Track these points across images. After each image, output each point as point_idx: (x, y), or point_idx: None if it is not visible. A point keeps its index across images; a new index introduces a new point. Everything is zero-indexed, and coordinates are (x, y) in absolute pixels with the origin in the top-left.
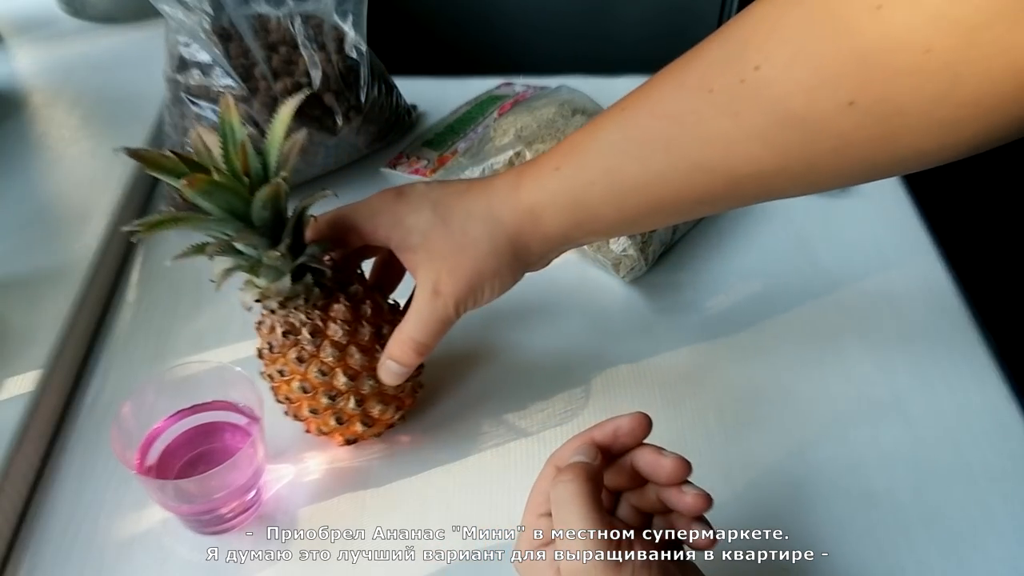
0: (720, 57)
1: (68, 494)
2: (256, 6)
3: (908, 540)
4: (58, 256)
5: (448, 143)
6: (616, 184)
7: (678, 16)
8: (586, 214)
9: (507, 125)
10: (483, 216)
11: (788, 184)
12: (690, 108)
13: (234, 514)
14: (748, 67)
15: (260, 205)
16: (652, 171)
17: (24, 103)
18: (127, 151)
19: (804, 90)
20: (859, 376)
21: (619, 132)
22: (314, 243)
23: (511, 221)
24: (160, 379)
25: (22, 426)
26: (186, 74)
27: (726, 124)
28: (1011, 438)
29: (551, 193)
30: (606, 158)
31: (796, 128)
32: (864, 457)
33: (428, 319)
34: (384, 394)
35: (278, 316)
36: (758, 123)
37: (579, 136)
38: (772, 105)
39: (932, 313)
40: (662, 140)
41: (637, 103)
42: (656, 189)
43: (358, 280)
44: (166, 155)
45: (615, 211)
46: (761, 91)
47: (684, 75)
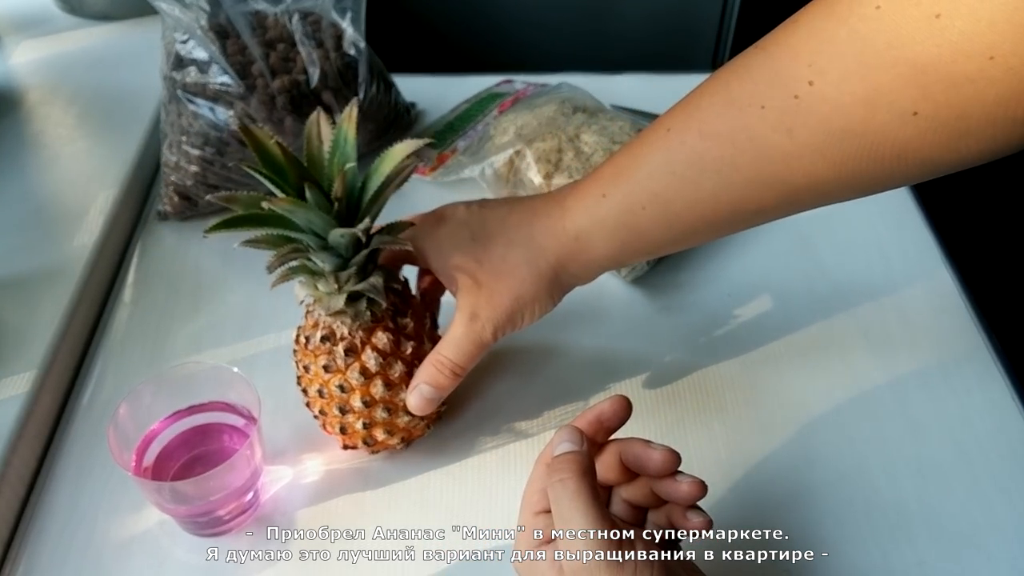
0: (769, 73)
1: (65, 496)
2: (253, 3)
3: (910, 540)
4: (54, 256)
5: (448, 141)
6: (667, 207)
7: (679, 14)
8: (635, 237)
9: (507, 123)
10: (524, 243)
11: (847, 191)
12: (741, 126)
13: (232, 516)
14: (801, 83)
15: (339, 235)
16: (705, 191)
17: (20, 101)
18: (240, 126)
19: (862, 103)
20: (861, 376)
21: (666, 154)
22: (381, 268)
23: (554, 248)
24: (157, 380)
25: (18, 427)
26: (183, 71)
27: (781, 140)
28: (1014, 439)
29: (599, 220)
30: (655, 182)
31: (855, 140)
32: (866, 457)
33: (466, 344)
34: (394, 425)
35: (324, 319)
36: (816, 138)
37: (623, 159)
38: (829, 120)
39: (936, 314)
40: (714, 160)
41: (683, 122)
42: (709, 207)
43: (414, 315)
44: (271, 137)
45: (665, 231)
46: (816, 107)
47: (731, 91)
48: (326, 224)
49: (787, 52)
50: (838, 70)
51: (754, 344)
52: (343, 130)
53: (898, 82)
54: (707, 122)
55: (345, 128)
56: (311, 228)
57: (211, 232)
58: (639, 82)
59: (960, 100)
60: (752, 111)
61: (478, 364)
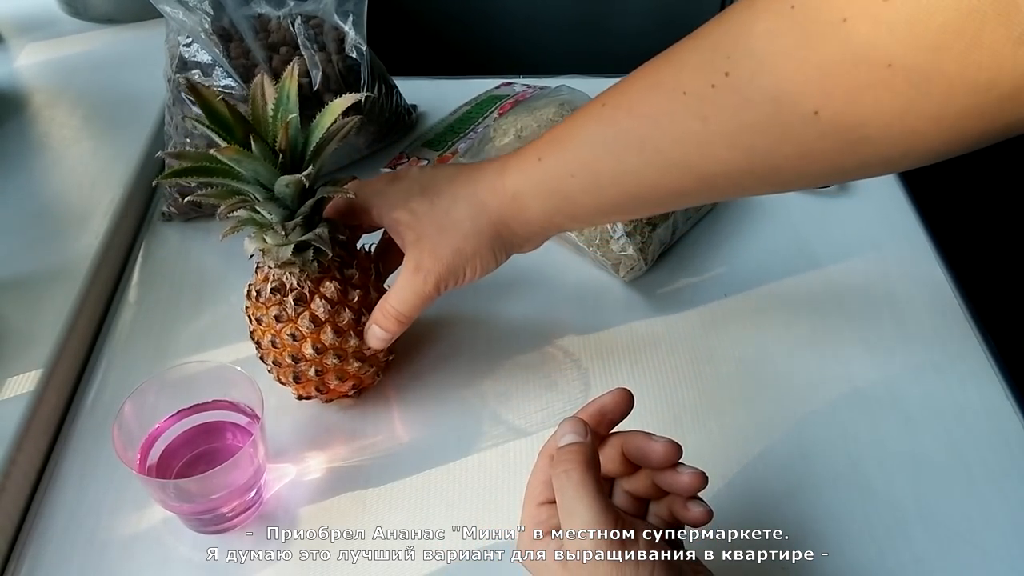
0: (694, 60)
1: (69, 493)
2: (256, 6)
3: (907, 539)
4: (59, 256)
5: (448, 143)
6: (594, 177)
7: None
8: (566, 203)
9: (507, 125)
10: (468, 199)
11: (757, 183)
12: (665, 109)
13: (235, 513)
14: (719, 72)
15: (284, 184)
16: (628, 166)
17: (25, 103)
18: (185, 81)
19: (770, 99)
20: (857, 375)
21: (598, 127)
22: (327, 221)
23: (495, 206)
24: (161, 379)
25: (23, 426)
26: (187, 74)
27: (696, 126)
28: (1009, 437)
29: (534, 182)
30: (585, 152)
31: (761, 134)
32: (863, 456)
33: (409, 294)
34: (345, 371)
35: (274, 271)
36: (727, 128)
37: (561, 129)
38: (739, 112)
39: (930, 312)
40: (637, 138)
41: (616, 100)
42: (632, 183)
43: (360, 267)
44: (218, 95)
45: (593, 201)
46: (729, 98)
47: (661, 75)
48: (271, 174)
49: (710, 42)
50: (750, 65)
51: (751, 344)
52: (285, 87)
53: (802, 82)
54: (636, 102)
55: (287, 86)
56: (257, 179)
57: (164, 179)
58: None
59: (859, 105)
60: (675, 95)
61: (477, 365)
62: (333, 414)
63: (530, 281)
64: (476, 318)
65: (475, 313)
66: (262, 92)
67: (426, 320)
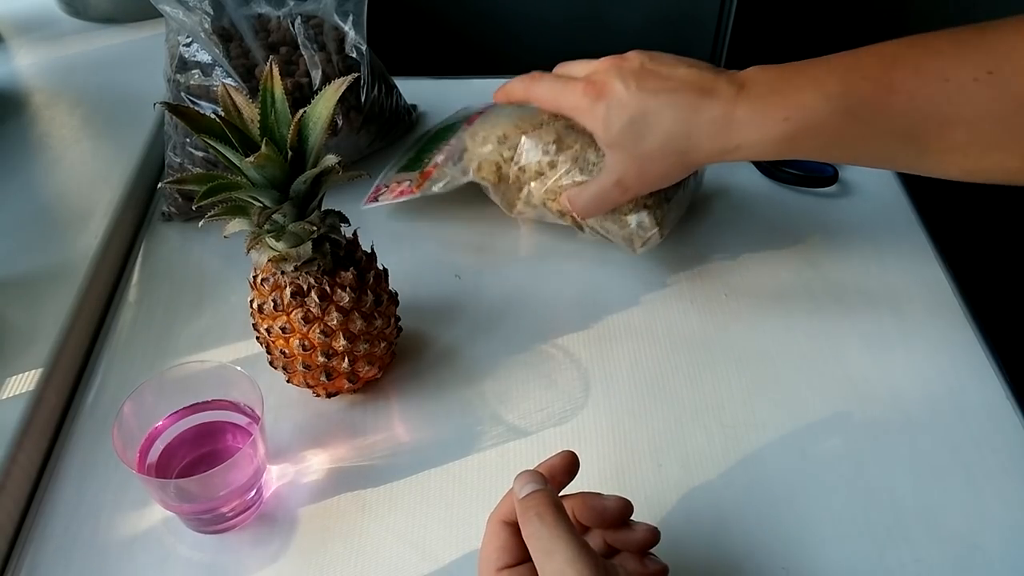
0: (954, 52)
1: (69, 493)
2: (256, 6)
3: (907, 539)
4: (59, 255)
5: (425, 161)
6: (832, 137)
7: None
8: (791, 151)
9: (485, 132)
10: (682, 138)
11: (964, 164)
12: (924, 92)
13: (235, 513)
14: (983, 69)
15: (303, 180)
16: (869, 132)
17: (25, 103)
18: (165, 105)
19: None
20: (858, 376)
21: (849, 93)
22: (328, 210)
23: (708, 150)
24: (161, 378)
25: (23, 425)
26: (187, 74)
27: (948, 110)
28: (1009, 437)
29: (768, 139)
30: (835, 119)
31: (1001, 124)
32: (862, 456)
33: (604, 200)
34: (373, 355)
35: (287, 277)
36: (972, 115)
37: (806, 87)
38: (990, 104)
39: (930, 312)
40: (891, 110)
41: (869, 72)
42: (863, 150)
43: (358, 249)
44: (203, 113)
45: (812, 154)
46: (986, 91)
47: (919, 60)
48: (284, 175)
49: (974, 42)
50: (1011, 69)
51: (751, 344)
52: (267, 90)
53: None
54: (897, 80)
55: (270, 87)
56: (272, 181)
57: (169, 184)
58: None
59: None
60: (936, 81)
61: (476, 364)
62: (333, 414)
63: (530, 281)
64: (476, 318)
65: (475, 313)
66: (232, 102)
67: (426, 320)
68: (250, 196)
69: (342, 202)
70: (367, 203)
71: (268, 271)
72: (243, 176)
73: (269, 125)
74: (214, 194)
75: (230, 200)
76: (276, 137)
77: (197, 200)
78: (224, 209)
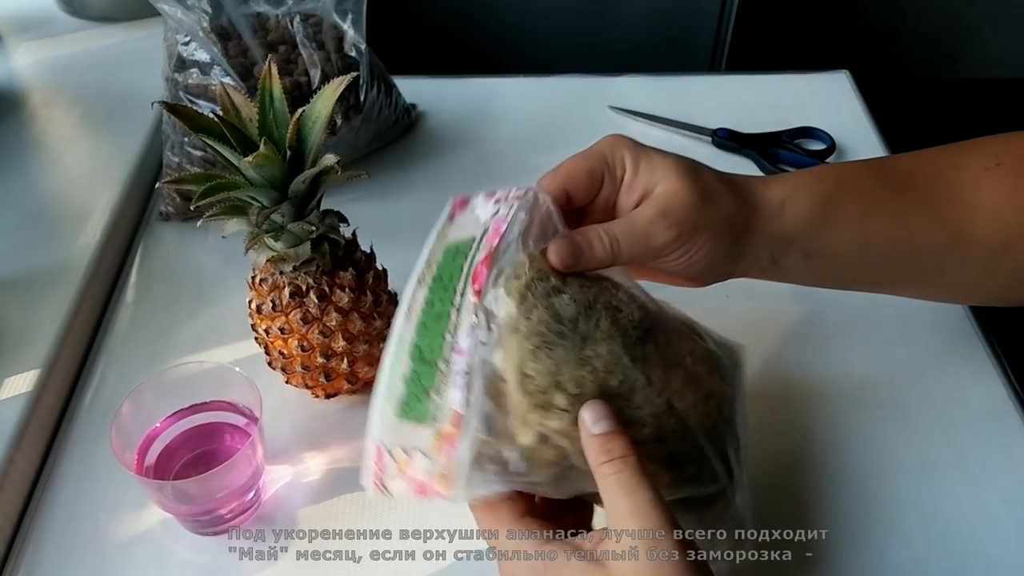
0: (971, 152)
1: (67, 494)
2: (255, 5)
3: (907, 539)
4: (57, 256)
5: (422, 407)
6: (866, 199)
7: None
8: (830, 216)
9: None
10: (732, 187)
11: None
12: (946, 178)
13: (233, 515)
14: (992, 163)
15: (302, 180)
16: (898, 207)
17: (23, 102)
18: (163, 104)
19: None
20: (858, 376)
21: (875, 178)
22: (327, 210)
23: (755, 202)
24: (159, 379)
25: (21, 426)
26: (185, 73)
27: (969, 196)
28: (1009, 437)
29: (806, 193)
30: (864, 188)
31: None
32: (862, 456)
33: (641, 234)
34: (372, 356)
35: (286, 277)
36: (990, 201)
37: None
38: (1007, 192)
39: (930, 312)
40: (923, 193)
41: (891, 166)
42: (891, 226)
43: (358, 249)
44: (202, 112)
45: (852, 229)
46: (999, 180)
47: (940, 157)
48: (282, 175)
49: (985, 144)
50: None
51: (751, 345)
52: (266, 89)
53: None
54: (918, 174)
55: (268, 86)
56: (272, 181)
57: (167, 184)
58: (638, 83)
59: None
60: (950, 171)
61: None
62: (332, 415)
63: None
64: None
65: None
66: (230, 100)
67: None
68: (248, 196)
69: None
70: (371, 484)
71: (267, 271)
72: (241, 176)
73: (268, 124)
74: (212, 194)
75: (228, 200)
76: (275, 136)
77: (195, 200)
78: (222, 209)
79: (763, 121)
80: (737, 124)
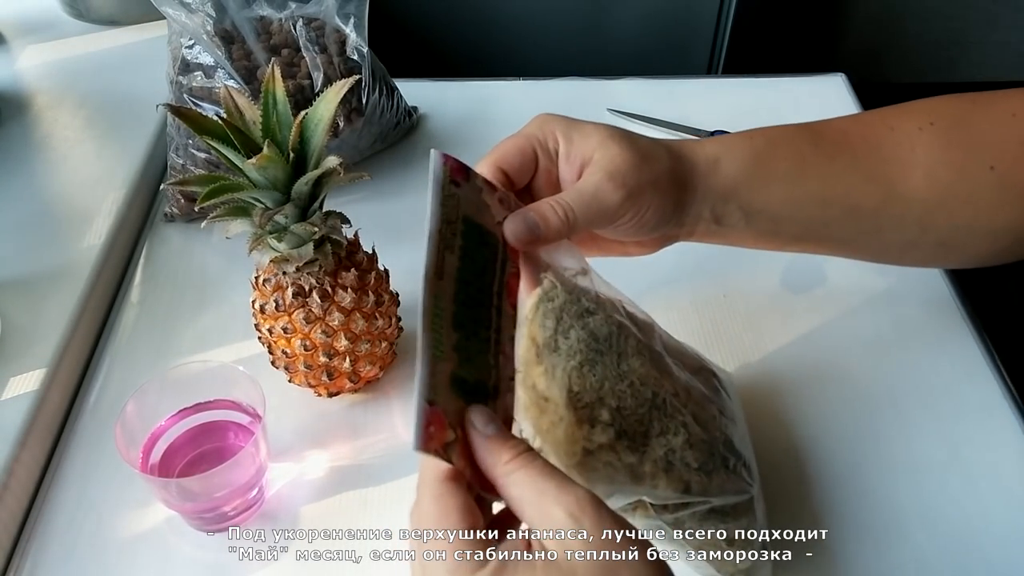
0: (903, 115)
1: (72, 492)
2: (258, 8)
3: (907, 539)
4: (62, 256)
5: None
6: (799, 161)
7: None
8: (761, 172)
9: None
10: (668, 147)
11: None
12: (887, 139)
13: (237, 512)
14: (926, 122)
15: (305, 181)
16: (832, 168)
17: (28, 105)
18: (167, 106)
19: (963, 148)
20: (857, 376)
21: (807, 136)
22: (330, 211)
23: (692, 160)
24: (163, 378)
25: (27, 424)
26: (189, 76)
27: (906, 155)
28: (1008, 437)
29: (737, 152)
30: (795, 145)
31: (950, 168)
32: (863, 456)
33: (591, 198)
34: (374, 355)
35: (289, 277)
36: (927, 159)
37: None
38: (943, 150)
39: (929, 312)
40: (856, 151)
41: (826, 124)
42: (826, 185)
43: (359, 249)
44: (206, 115)
45: (786, 189)
46: (936, 138)
47: (885, 118)
48: (286, 176)
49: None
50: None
51: (749, 345)
52: (269, 92)
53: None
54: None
55: (272, 89)
56: (275, 183)
57: (172, 185)
58: (636, 86)
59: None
60: (886, 131)
61: None
62: (334, 413)
63: None
64: None
65: None
66: (234, 103)
67: None
68: (252, 197)
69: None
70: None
71: (270, 272)
72: (245, 177)
73: (271, 127)
74: (216, 195)
75: (232, 201)
76: (278, 139)
77: (199, 201)
78: (226, 210)
79: (760, 123)
80: (734, 126)
